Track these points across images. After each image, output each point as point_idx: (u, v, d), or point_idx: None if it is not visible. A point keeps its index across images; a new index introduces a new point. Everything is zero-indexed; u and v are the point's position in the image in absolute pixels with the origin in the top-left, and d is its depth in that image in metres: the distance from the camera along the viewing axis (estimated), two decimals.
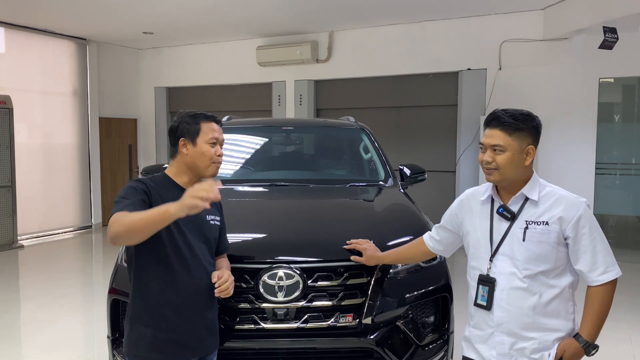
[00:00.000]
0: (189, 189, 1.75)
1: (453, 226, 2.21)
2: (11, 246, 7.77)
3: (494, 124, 1.93)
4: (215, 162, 2.12)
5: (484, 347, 1.99)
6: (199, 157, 2.09)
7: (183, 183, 2.12)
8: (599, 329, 1.89)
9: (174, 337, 2.04)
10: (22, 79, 8.57)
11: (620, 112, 7.33)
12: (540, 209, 1.91)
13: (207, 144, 2.09)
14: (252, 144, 4.35)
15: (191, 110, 2.18)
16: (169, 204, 1.74)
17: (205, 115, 2.15)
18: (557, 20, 6.86)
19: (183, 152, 2.10)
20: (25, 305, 5.41)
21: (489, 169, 1.93)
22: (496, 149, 1.91)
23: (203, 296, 2.11)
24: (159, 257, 2.02)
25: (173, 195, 2.03)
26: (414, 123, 8.52)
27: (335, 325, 2.46)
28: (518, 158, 1.90)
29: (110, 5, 7.25)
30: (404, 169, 4.11)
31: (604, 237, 1.90)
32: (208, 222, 2.16)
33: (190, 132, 2.10)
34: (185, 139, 2.10)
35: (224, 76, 9.76)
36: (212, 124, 2.14)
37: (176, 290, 2.03)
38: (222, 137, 2.17)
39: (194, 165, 2.10)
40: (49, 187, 9.03)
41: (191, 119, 2.12)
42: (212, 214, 2.18)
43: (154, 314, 2.04)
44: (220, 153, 2.14)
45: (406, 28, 8.12)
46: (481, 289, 1.97)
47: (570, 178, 7.03)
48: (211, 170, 2.12)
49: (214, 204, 2.22)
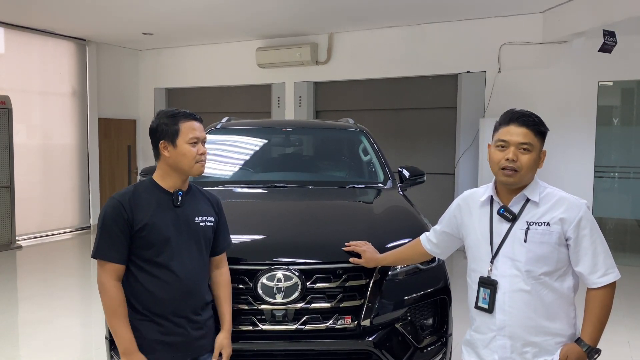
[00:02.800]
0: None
1: (452, 228, 2.18)
2: (9, 247, 7.76)
3: (521, 122, 1.87)
4: (199, 161, 2.09)
5: (485, 352, 1.96)
6: (181, 159, 2.06)
7: (170, 186, 2.10)
8: (601, 333, 1.87)
9: (164, 339, 2.04)
10: (21, 79, 8.57)
11: (619, 116, 7.35)
12: (541, 210, 1.89)
13: (187, 144, 2.06)
14: (251, 145, 4.34)
15: (169, 109, 2.13)
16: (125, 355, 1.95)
17: (184, 114, 2.10)
18: (556, 23, 6.88)
19: (165, 154, 2.07)
20: (23, 305, 5.40)
21: (509, 169, 1.86)
22: (525, 148, 1.86)
23: (193, 297, 2.10)
24: (147, 260, 2.02)
25: (158, 198, 2.05)
26: (414, 125, 8.52)
27: (334, 327, 2.46)
28: (537, 160, 1.89)
29: (109, 6, 7.25)
30: (403, 171, 4.11)
31: (604, 239, 1.89)
32: (197, 224, 2.13)
33: (169, 134, 2.06)
34: (165, 141, 2.07)
35: (224, 77, 9.76)
36: (192, 122, 2.09)
37: (164, 291, 2.02)
38: (203, 134, 2.13)
39: (177, 167, 2.08)
40: (48, 188, 9.02)
41: (169, 119, 2.08)
42: (203, 215, 2.16)
43: (142, 315, 2.03)
44: (202, 151, 2.10)
45: (406, 30, 8.13)
46: (482, 292, 1.95)
47: (569, 181, 7.03)
48: (196, 169, 2.09)
49: (209, 205, 2.22)
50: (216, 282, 2.27)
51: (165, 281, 2.02)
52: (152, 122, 2.13)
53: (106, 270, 1.99)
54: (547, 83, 7.24)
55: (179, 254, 2.05)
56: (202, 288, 2.13)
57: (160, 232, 2.01)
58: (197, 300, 2.11)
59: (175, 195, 2.08)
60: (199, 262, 2.13)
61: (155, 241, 2.01)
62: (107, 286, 1.98)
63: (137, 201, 2.02)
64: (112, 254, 1.98)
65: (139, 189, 2.08)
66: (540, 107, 7.15)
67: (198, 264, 2.12)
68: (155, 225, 2.00)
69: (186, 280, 2.06)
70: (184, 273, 2.05)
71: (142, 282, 2.02)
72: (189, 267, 2.08)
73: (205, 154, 2.12)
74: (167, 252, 2.03)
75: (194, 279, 2.09)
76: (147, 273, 2.02)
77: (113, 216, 1.99)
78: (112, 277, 1.99)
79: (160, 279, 2.02)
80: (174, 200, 2.08)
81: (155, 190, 2.09)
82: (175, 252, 2.04)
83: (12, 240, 7.85)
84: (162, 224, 2.02)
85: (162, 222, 2.02)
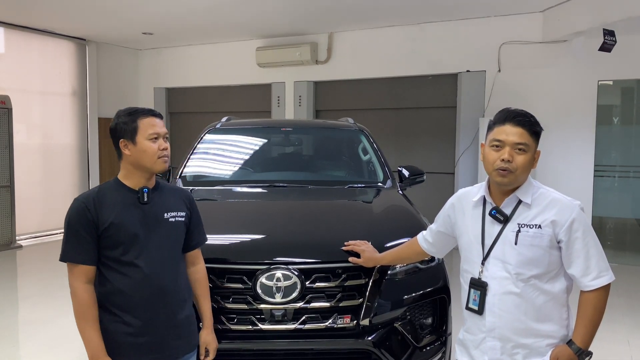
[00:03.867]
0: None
1: (446, 228, 2.17)
2: (10, 246, 7.76)
3: (516, 122, 1.84)
4: (161, 156, 2.06)
5: (476, 353, 1.96)
6: (142, 156, 2.03)
7: (134, 184, 2.07)
8: (592, 336, 1.85)
9: (135, 340, 2.00)
10: (21, 79, 8.56)
11: (619, 115, 7.35)
12: (533, 212, 1.87)
13: (147, 140, 2.03)
14: (250, 144, 4.35)
15: (128, 108, 2.12)
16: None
17: (142, 111, 2.08)
18: (556, 23, 6.87)
19: (125, 153, 2.05)
20: (23, 305, 5.40)
21: (504, 170, 1.83)
22: (520, 148, 1.84)
23: (166, 295, 2.05)
24: (115, 259, 2.00)
25: (123, 197, 2.04)
26: (413, 125, 8.52)
27: (333, 327, 2.46)
28: (532, 161, 1.87)
29: (109, 6, 7.25)
30: (403, 170, 4.11)
31: (597, 241, 1.86)
32: (167, 220, 2.10)
33: (128, 132, 2.04)
34: (125, 139, 2.05)
35: (224, 77, 9.75)
36: (150, 118, 2.06)
37: (133, 289, 2.00)
38: (163, 130, 2.09)
39: (139, 164, 2.05)
40: (48, 188, 9.02)
41: (128, 117, 2.06)
42: (172, 210, 2.13)
43: (113, 315, 2.01)
44: (164, 147, 2.07)
45: (405, 30, 8.13)
46: (473, 293, 1.93)
47: (568, 180, 7.03)
48: (159, 165, 2.06)
49: (179, 200, 2.19)
50: (193, 279, 2.26)
51: (134, 279, 2.00)
52: (111, 122, 2.12)
53: (74, 273, 1.98)
54: (547, 82, 7.23)
55: (147, 251, 2.02)
56: (175, 285, 2.09)
57: (126, 230, 1.99)
58: (170, 298, 2.07)
59: (140, 192, 2.06)
60: (170, 259, 2.09)
61: (122, 240, 1.99)
62: (75, 289, 1.97)
63: (102, 201, 2.01)
64: (79, 256, 1.97)
65: (103, 189, 2.07)
66: (539, 106, 7.16)
67: (169, 260, 2.09)
68: (121, 224, 1.99)
69: (155, 277, 2.03)
70: (152, 270, 2.02)
71: (112, 281, 2.00)
72: (159, 264, 2.04)
73: (167, 149, 2.09)
74: (135, 250, 2.00)
75: (164, 276, 2.05)
76: (116, 272, 2.00)
77: (77, 218, 1.98)
78: (81, 279, 1.98)
79: (129, 277, 2.00)
80: (140, 197, 2.05)
81: (121, 189, 2.07)
82: (143, 250, 2.02)
83: (12, 240, 7.85)
84: (128, 222, 2.00)
85: (128, 220, 2.00)
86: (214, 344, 2.26)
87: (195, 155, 4.06)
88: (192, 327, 2.17)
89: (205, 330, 2.25)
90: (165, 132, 2.11)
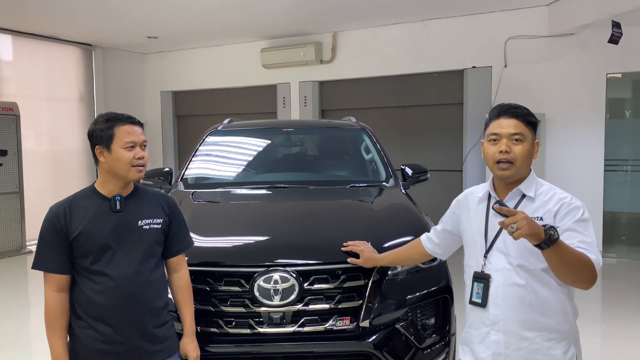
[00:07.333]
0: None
1: (452, 225, 2.16)
2: (20, 252, 7.83)
3: (510, 114, 1.88)
4: (135, 165, 2.02)
5: (480, 348, 1.93)
6: (116, 164, 2.00)
7: (109, 192, 2.05)
8: (568, 253, 1.68)
9: (105, 347, 1.99)
10: (28, 85, 8.64)
11: (630, 108, 7.21)
12: (535, 205, 1.88)
13: (122, 149, 2.00)
14: (252, 146, 4.33)
15: (107, 113, 2.08)
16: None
17: (120, 118, 2.04)
18: (562, 16, 6.77)
19: (101, 160, 2.03)
20: (34, 310, 5.43)
21: (504, 162, 1.86)
22: (516, 139, 1.86)
23: (137, 303, 2.02)
24: (86, 268, 2.00)
25: (96, 205, 2.03)
26: (420, 122, 8.46)
27: (333, 329, 2.43)
28: (531, 151, 1.88)
29: (115, 11, 7.29)
30: (406, 168, 4.06)
31: (594, 237, 1.81)
32: (140, 227, 2.07)
33: (104, 139, 2.01)
34: (100, 146, 2.02)
35: (229, 79, 9.77)
36: (128, 126, 2.03)
37: (103, 298, 1.98)
38: (141, 138, 2.05)
39: (114, 172, 2.03)
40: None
41: (105, 124, 2.02)
42: (147, 217, 2.09)
43: (84, 322, 2.00)
44: (140, 155, 2.03)
45: (410, 27, 8.07)
46: (476, 286, 1.93)
47: (578, 175, 6.93)
48: (132, 174, 2.03)
49: (157, 206, 2.15)
50: (175, 286, 2.23)
51: (104, 287, 1.98)
52: (89, 127, 2.09)
53: (46, 281, 2.00)
54: (555, 76, 7.13)
55: (118, 260, 2.00)
56: (147, 293, 2.05)
57: (95, 239, 1.98)
58: (143, 306, 2.04)
59: (113, 201, 2.04)
60: (142, 267, 2.05)
61: (91, 249, 1.98)
62: (46, 297, 2.00)
63: (73, 210, 2.01)
64: (51, 264, 1.98)
65: (77, 197, 2.06)
66: (548, 101, 7.07)
67: (142, 268, 2.05)
68: (90, 233, 1.98)
69: (126, 285, 2.00)
70: (122, 278, 1.99)
71: (83, 289, 2.00)
72: (129, 273, 2.01)
73: (144, 158, 2.05)
74: (105, 258, 1.99)
75: (135, 284, 2.02)
76: (88, 280, 2.00)
77: (48, 227, 2.00)
78: (52, 287, 1.99)
79: (100, 285, 1.98)
80: (112, 206, 2.04)
81: (95, 197, 2.06)
82: (113, 258, 2.00)
83: (23, 245, 7.91)
84: (98, 232, 1.99)
85: (97, 229, 1.99)
86: (194, 352, 2.21)
87: (197, 157, 4.06)
88: (168, 333, 2.14)
89: (186, 338, 2.22)
90: (143, 140, 2.08)
